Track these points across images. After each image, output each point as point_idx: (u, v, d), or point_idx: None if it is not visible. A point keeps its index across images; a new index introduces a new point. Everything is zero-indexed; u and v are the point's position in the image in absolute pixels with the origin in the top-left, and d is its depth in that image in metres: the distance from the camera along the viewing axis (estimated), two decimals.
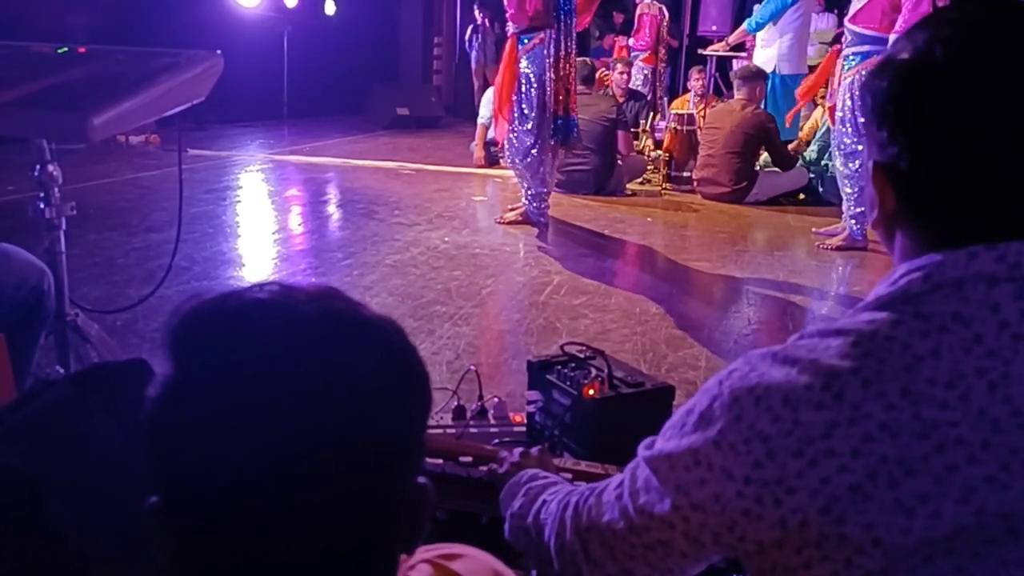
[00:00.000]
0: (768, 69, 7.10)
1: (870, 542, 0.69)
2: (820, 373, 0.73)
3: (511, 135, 5.05)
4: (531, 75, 4.94)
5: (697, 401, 0.81)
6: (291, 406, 0.57)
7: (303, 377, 0.58)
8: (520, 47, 4.93)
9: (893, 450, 0.69)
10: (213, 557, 0.60)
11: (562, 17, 4.92)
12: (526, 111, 4.98)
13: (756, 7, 7.30)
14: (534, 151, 5.02)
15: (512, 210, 5.39)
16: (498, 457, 1.38)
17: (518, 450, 1.36)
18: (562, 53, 4.96)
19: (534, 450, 1.38)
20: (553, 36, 4.90)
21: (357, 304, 0.65)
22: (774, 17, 6.88)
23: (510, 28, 4.96)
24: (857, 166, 4.73)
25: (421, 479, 0.65)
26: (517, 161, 5.11)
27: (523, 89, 4.97)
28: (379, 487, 0.61)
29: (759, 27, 7.07)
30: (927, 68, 0.76)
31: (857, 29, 4.67)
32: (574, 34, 5.07)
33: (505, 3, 4.90)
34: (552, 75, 4.94)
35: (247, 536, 0.58)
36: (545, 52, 4.91)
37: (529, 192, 5.21)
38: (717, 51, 7.62)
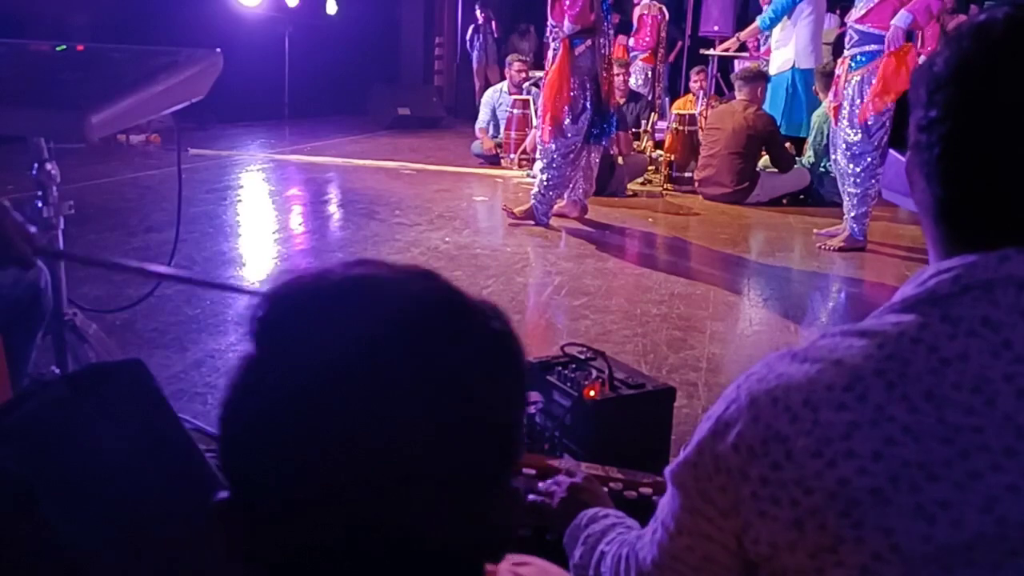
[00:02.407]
0: (786, 68, 7.03)
1: (888, 548, 0.68)
2: (843, 374, 0.72)
3: (557, 133, 5.14)
4: (585, 75, 5.10)
5: (716, 408, 0.80)
6: (383, 393, 0.53)
7: (398, 364, 0.54)
8: (574, 48, 5.06)
9: (915, 454, 0.68)
10: (287, 552, 0.56)
11: (605, 14, 5.15)
12: (579, 110, 5.13)
13: (766, 7, 7.24)
14: (576, 147, 5.20)
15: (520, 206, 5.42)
16: (544, 490, 1.32)
17: (566, 482, 1.31)
18: (605, 53, 5.19)
19: (579, 476, 1.33)
20: (600, 38, 5.12)
21: (455, 288, 0.60)
22: (787, 11, 6.83)
23: (564, 30, 5.05)
24: (863, 167, 4.71)
25: (514, 483, 0.61)
26: (554, 157, 5.18)
27: (576, 88, 5.10)
28: (473, 483, 0.57)
29: (773, 23, 7.02)
30: (962, 68, 0.75)
31: (865, 29, 4.64)
32: (612, 30, 5.39)
33: (566, 5, 5.00)
34: (603, 72, 5.17)
35: (326, 529, 0.54)
36: (595, 53, 5.12)
37: (543, 186, 5.23)
38: (728, 49, 7.55)
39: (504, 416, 0.58)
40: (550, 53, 5.23)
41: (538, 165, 5.39)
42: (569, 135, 5.15)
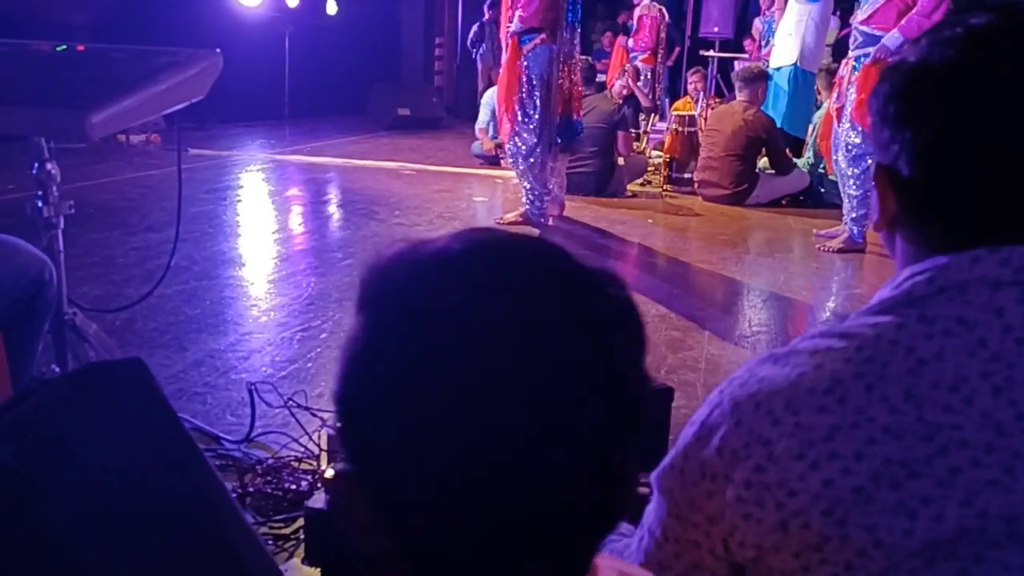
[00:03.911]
0: (789, 61, 7.00)
1: (872, 544, 0.69)
2: (823, 377, 0.73)
3: (514, 136, 5.05)
4: (533, 76, 4.95)
5: (699, 413, 0.81)
6: (513, 353, 0.50)
7: (543, 331, 0.50)
8: (522, 47, 4.93)
9: (896, 452, 0.69)
10: (415, 529, 0.53)
11: (569, 20, 4.96)
12: (529, 111, 4.99)
13: (767, 11, 7.22)
14: (536, 151, 5.04)
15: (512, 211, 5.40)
16: None
17: None
18: (567, 55, 5.00)
19: None
20: (562, 37, 4.94)
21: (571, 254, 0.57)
22: None
23: (512, 27, 4.95)
24: (863, 168, 4.71)
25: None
26: (519, 161, 5.11)
27: (525, 89, 4.98)
28: (606, 445, 0.53)
29: None
30: (927, 68, 0.76)
31: (869, 30, 4.63)
32: (578, 37, 5.12)
33: (520, 3, 4.86)
34: (557, 76, 4.97)
35: (453, 500, 0.51)
36: (550, 53, 4.93)
37: (530, 193, 5.21)
38: None
39: (636, 383, 0.55)
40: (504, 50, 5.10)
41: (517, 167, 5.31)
42: (523, 135, 5.02)
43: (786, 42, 7.11)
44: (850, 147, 4.77)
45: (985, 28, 0.75)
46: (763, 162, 6.53)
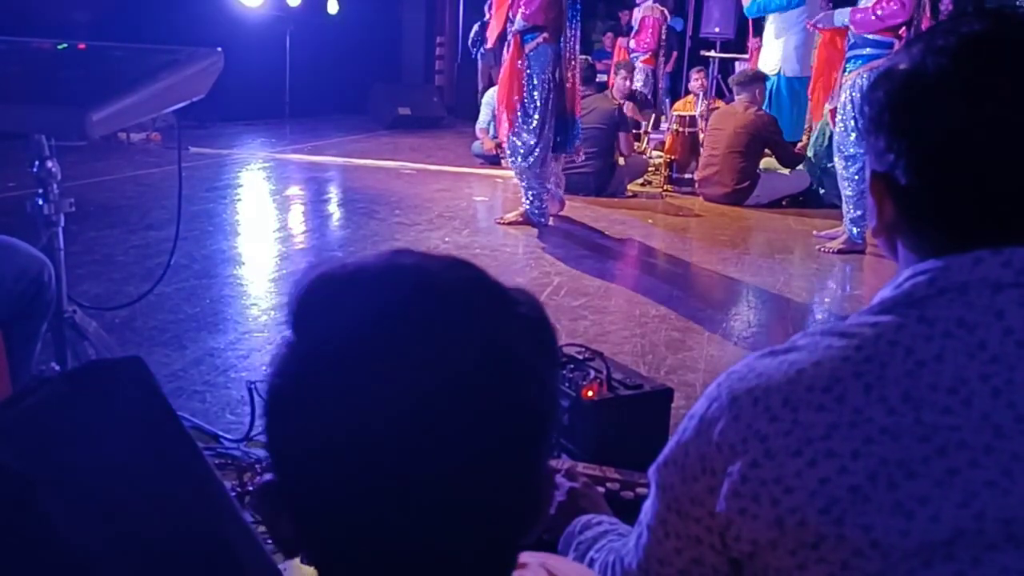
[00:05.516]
0: (773, 70, 7.05)
1: (868, 544, 0.69)
2: (822, 375, 0.73)
3: (513, 135, 5.05)
4: (534, 75, 4.95)
5: (698, 407, 0.82)
6: (424, 374, 0.53)
7: (439, 346, 0.53)
8: (524, 46, 4.93)
9: (894, 453, 0.69)
10: (335, 539, 0.56)
11: (570, 19, 4.95)
12: (530, 110, 4.98)
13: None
14: (537, 151, 5.03)
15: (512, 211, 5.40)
16: None
17: (565, 485, 1.32)
18: (568, 54, 5.00)
19: (578, 483, 1.34)
20: (563, 37, 4.94)
21: (490, 275, 0.60)
22: (777, 10, 6.83)
23: (515, 26, 4.95)
24: (856, 169, 4.72)
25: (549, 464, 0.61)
26: (519, 161, 5.10)
27: (526, 89, 4.98)
28: (519, 470, 0.57)
29: (757, 12, 7.04)
30: (923, 77, 0.76)
31: (860, 32, 4.66)
32: (579, 36, 5.12)
33: (522, 1, 4.85)
34: (559, 75, 4.97)
35: (369, 512, 0.54)
36: (551, 52, 4.93)
37: (530, 192, 5.21)
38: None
39: (550, 400, 0.58)
40: (504, 49, 5.09)
41: (514, 167, 5.27)
42: (523, 134, 5.00)
43: (771, 47, 7.15)
44: (843, 148, 4.80)
45: (978, 36, 0.76)
46: (765, 162, 6.53)
